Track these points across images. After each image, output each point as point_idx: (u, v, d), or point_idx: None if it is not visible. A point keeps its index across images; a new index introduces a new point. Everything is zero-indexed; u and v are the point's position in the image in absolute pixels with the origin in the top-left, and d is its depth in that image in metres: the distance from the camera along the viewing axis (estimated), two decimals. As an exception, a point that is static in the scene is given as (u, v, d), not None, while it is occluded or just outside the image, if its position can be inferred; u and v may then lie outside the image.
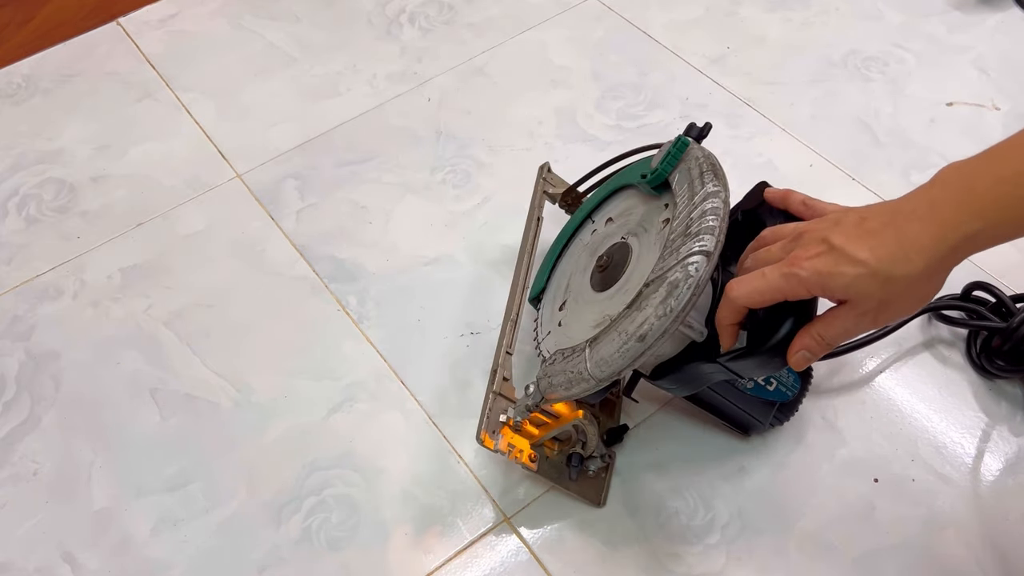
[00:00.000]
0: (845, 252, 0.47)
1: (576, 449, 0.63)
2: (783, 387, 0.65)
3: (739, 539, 0.63)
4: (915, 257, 0.46)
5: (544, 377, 0.58)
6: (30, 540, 0.66)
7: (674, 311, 0.50)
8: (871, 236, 0.47)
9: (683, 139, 0.59)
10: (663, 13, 1.02)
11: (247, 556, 0.64)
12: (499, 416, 0.60)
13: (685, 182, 0.57)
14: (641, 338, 0.51)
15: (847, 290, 0.47)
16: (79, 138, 0.94)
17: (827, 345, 0.50)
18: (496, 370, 0.63)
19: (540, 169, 0.78)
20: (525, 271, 0.70)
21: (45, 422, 0.72)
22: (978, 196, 0.45)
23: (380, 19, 1.04)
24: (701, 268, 0.51)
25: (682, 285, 0.50)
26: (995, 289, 0.71)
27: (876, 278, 0.46)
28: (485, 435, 0.59)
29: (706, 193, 0.54)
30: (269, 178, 0.89)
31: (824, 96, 0.91)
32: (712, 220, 0.52)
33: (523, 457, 0.61)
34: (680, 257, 0.51)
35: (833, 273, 0.47)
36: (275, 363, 0.75)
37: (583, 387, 0.54)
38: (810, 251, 0.48)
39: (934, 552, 0.62)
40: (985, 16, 0.98)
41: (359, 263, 0.81)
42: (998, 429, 0.68)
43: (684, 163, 0.58)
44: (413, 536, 0.65)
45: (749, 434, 0.68)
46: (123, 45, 1.04)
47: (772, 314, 0.52)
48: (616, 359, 0.52)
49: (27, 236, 0.86)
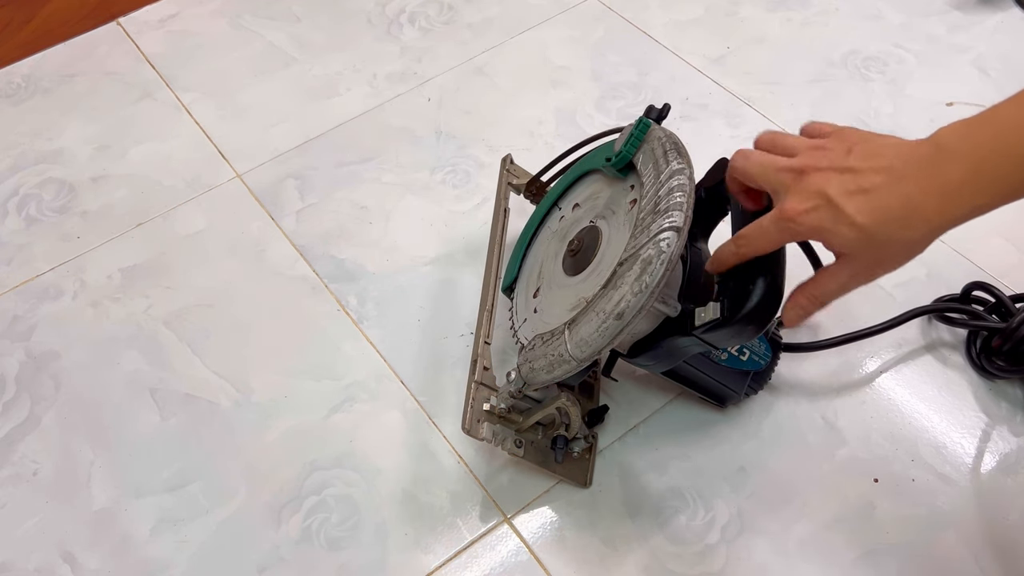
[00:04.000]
0: (844, 212, 0.46)
1: (560, 432, 0.64)
2: (756, 356, 0.65)
3: (739, 539, 0.63)
4: (918, 224, 0.46)
5: (525, 363, 0.58)
6: (30, 540, 0.66)
7: (649, 287, 0.52)
8: (872, 197, 0.46)
9: (645, 120, 0.61)
10: (663, 13, 1.02)
11: (247, 556, 0.64)
12: (482, 405, 0.61)
13: (650, 162, 0.58)
14: (619, 316, 0.52)
15: (844, 247, 0.48)
16: (79, 138, 0.94)
17: (821, 303, 0.51)
18: (476, 360, 0.63)
19: (503, 161, 0.79)
20: (496, 262, 0.71)
21: (45, 422, 0.72)
22: (987, 173, 0.44)
23: (380, 19, 1.04)
24: (673, 243, 0.52)
25: (655, 261, 0.52)
26: (995, 289, 0.71)
27: (874, 241, 0.46)
28: (470, 424, 0.59)
29: (671, 171, 0.55)
30: (269, 178, 0.89)
31: (824, 96, 0.91)
32: (679, 196, 0.54)
33: (508, 443, 0.61)
34: (651, 234, 0.53)
35: (831, 231, 0.47)
36: (275, 363, 0.75)
37: (565, 368, 0.55)
38: (807, 203, 0.48)
39: (934, 552, 0.62)
40: (985, 16, 0.98)
41: (359, 263, 0.81)
42: (998, 429, 0.68)
43: (647, 144, 0.60)
44: (413, 536, 0.65)
45: (725, 405, 0.69)
46: (123, 45, 1.04)
47: (743, 283, 0.53)
48: (595, 338, 0.53)
49: (27, 236, 0.86)
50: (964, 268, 0.77)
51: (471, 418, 0.60)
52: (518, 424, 0.62)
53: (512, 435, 0.62)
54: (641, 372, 0.71)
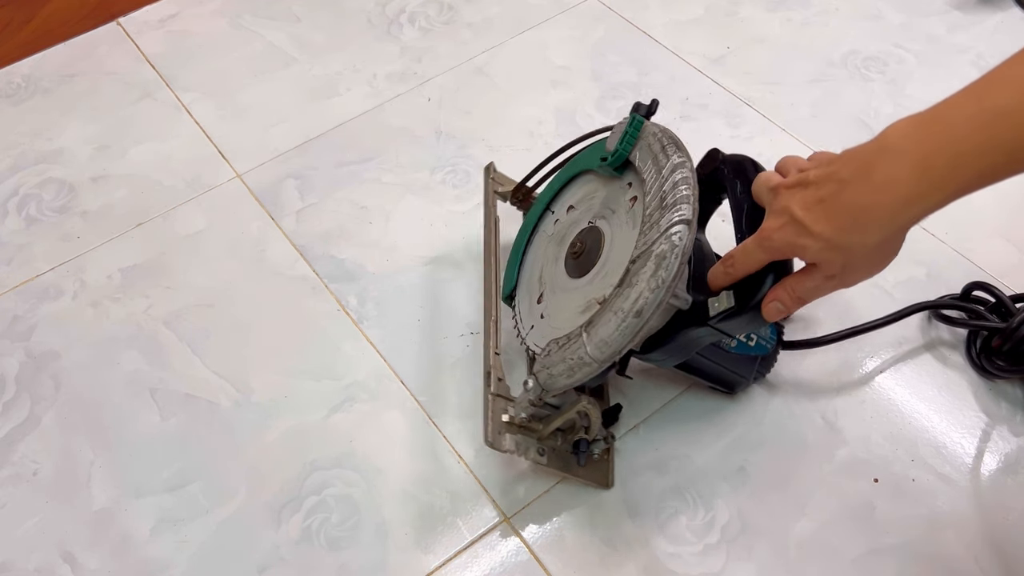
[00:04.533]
0: (805, 225, 0.49)
1: (581, 435, 0.63)
2: (762, 340, 0.66)
3: (739, 539, 0.63)
4: (872, 229, 0.47)
5: (542, 370, 0.58)
6: (30, 540, 0.66)
7: (666, 282, 0.52)
8: (827, 207, 0.48)
9: (638, 118, 0.61)
10: (663, 13, 1.02)
11: (247, 556, 0.64)
12: (501, 417, 0.60)
13: (648, 158, 0.58)
14: (638, 313, 0.53)
15: (813, 258, 0.50)
16: (79, 138, 0.94)
17: (800, 300, 0.53)
18: (489, 372, 0.63)
19: (486, 170, 0.78)
20: (495, 272, 0.70)
21: (45, 422, 0.72)
22: (938, 172, 0.44)
23: (380, 19, 1.04)
24: (685, 237, 0.53)
25: (670, 256, 0.52)
26: (995, 289, 0.71)
27: (836, 249, 0.48)
28: (493, 437, 0.59)
29: (673, 165, 0.56)
30: (269, 178, 0.89)
31: (824, 96, 0.91)
32: (685, 189, 0.54)
33: (532, 453, 0.61)
34: (662, 229, 0.53)
35: (797, 244, 0.50)
36: (275, 363, 0.75)
37: (586, 371, 0.55)
38: (778, 221, 0.51)
39: (934, 552, 0.62)
40: (985, 16, 0.98)
41: (359, 263, 0.81)
42: (998, 429, 0.68)
43: (642, 140, 0.60)
44: (413, 536, 0.65)
45: (735, 392, 0.69)
46: (123, 45, 1.04)
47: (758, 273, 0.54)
48: (616, 338, 0.54)
49: (27, 236, 0.86)
50: (964, 268, 0.77)
51: (493, 431, 0.59)
52: (539, 432, 0.62)
53: (534, 444, 0.62)
54: (643, 368, 0.71)
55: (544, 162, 0.73)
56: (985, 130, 0.42)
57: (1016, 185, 0.43)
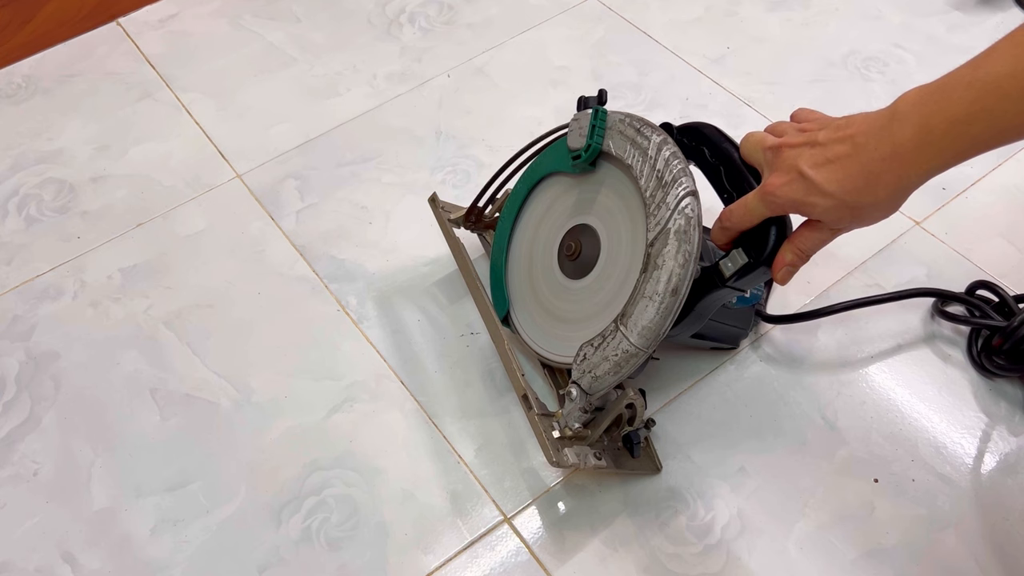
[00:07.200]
0: (815, 183, 0.50)
1: (627, 429, 0.63)
2: (755, 289, 0.68)
3: (739, 539, 0.63)
4: (880, 191, 0.49)
5: (584, 375, 0.58)
6: (30, 540, 0.66)
7: (692, 255, 0.54)
8: (837, 168, 0.50)
9: (601, 109, 0.62)
10: (663, 13, 1.02)
11: (247, 556, 0.64)
12: (552, 433, 0.60)
13: (626, 143, 0.59)
14: (674, 291, 0.54)
15: (820, 216, 0.52)
16: (79, 138, 0.94)
17: (807, 257, 0.55)
18: (524, 395, 0.62)
19: (431, 202, 0.78)
20: (485, 296, 0.71)
21: (45, 422, 0.72)
22: (936, 137, 0.46)
23: (380, 19, 1.04)
24: (695, 207, 0.55)
25: (689, 229, 0.54)
26: (999, 288, 0.71)
27: (844, 207, 0.50)
28: (555, 455, 0.58)
29: (657, 144, 0.57)
30: (269, 178, 0.89)
31: (824, 96, 0.91)
32: (678, 163, 0.56)
33: (590, 459, 0.61)
34: (671, 206, 0.55)
35: (805, 202, 0.51)
36: (275, 363, 0.75)
37: (634, 363, 0.56)
38: (783, 178, 0.52)
39: (934, 552, 0.62)
40: (985, 16, 0.98)
41: (359, 263, 0.81)
42: (998, 429, 0.68)
43: (611, 129, 0.61)
44: (413, 536, 0.65)
45: (738, 345, 0.72)
46: (123, 45, 1.04)
47: (757, 226, 0.55)
48: (658, 321, 0.55)
49: (27, 236, 0.86)
50: (965, 268, 0.77)
51: (553, 450, 0.58)
52: (588, 437, 0.61)
53: (589, 450, 0.61)
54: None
55: (492, 179, 0.72)
56: (979, 99, 0.45)
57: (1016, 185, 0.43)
